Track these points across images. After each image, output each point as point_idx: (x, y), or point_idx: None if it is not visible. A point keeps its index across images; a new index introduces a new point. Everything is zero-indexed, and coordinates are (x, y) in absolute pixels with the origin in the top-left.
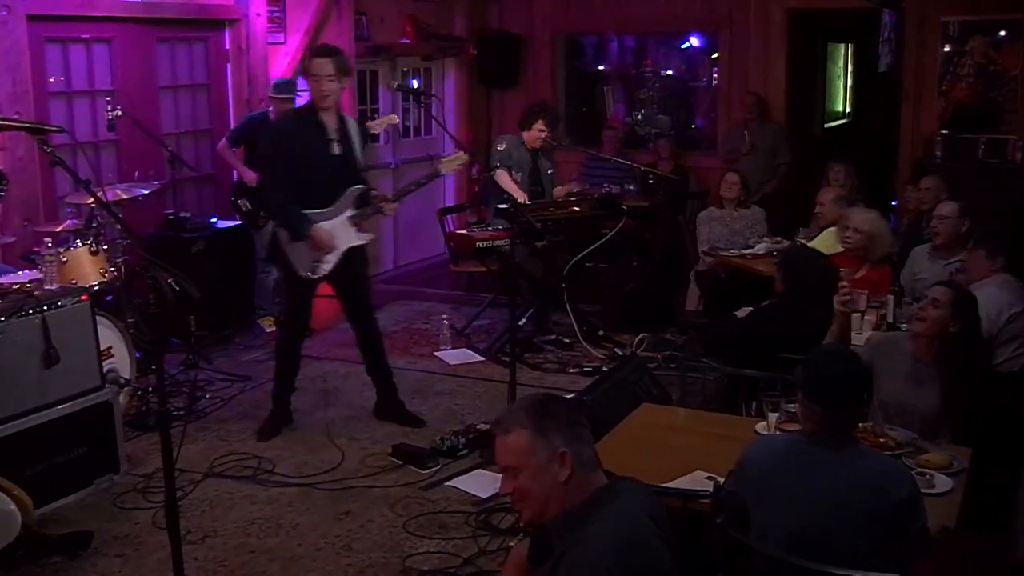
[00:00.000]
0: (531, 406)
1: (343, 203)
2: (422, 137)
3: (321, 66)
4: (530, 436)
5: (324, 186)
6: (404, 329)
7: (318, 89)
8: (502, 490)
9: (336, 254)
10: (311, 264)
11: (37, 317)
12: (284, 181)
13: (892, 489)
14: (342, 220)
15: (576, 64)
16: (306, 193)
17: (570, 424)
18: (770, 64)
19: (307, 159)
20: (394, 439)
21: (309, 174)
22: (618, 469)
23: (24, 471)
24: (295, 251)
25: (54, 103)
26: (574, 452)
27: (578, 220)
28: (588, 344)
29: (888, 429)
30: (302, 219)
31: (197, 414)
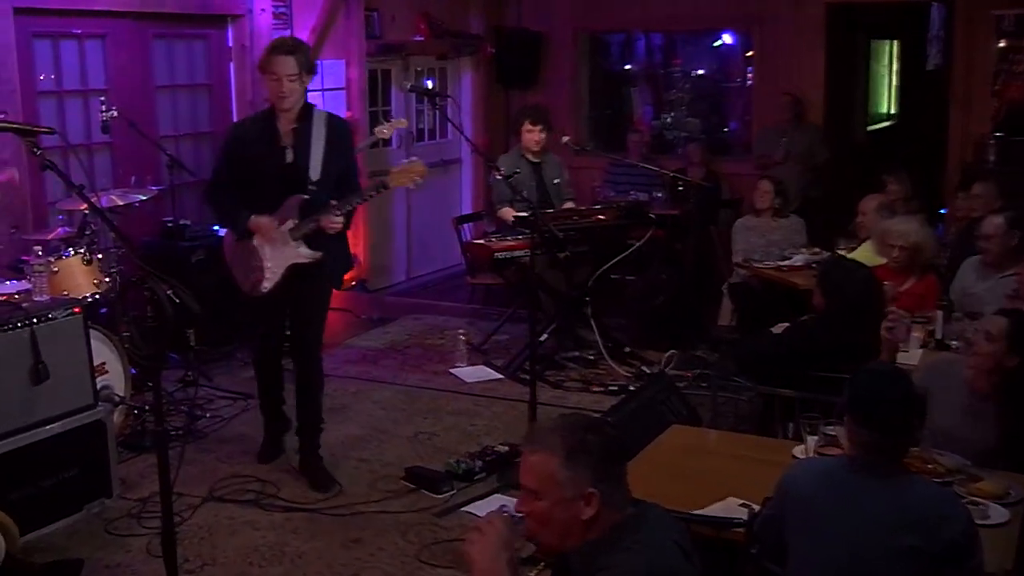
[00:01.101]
0: (568, 432)
1: (282, 212)
2: (437, 140)
3: (282, 64)
4: (558, 465)
5: (271, 196)
6: (417, 344)
7: (277, 90)
8: (518, 507)
9: (275, 269)
10: (251, 281)
11: (25, 331)
12: (229, 185)
13: (944, 523)
14: (282, 231)
15: (600, 64)
16: (251, 201)
17: (605, 461)
18: (808, 63)
19: (256, 165)
20: (406, 461)
21: (255, 183)
22: (645, 495)
23: (9, 495)
24: (235, 262)
25: (44, 103)
26: (603, 493)
27: (603, 229)
28: (613, 361)
29: (937, 454)
30: (241, 211)
31: (196, 434)
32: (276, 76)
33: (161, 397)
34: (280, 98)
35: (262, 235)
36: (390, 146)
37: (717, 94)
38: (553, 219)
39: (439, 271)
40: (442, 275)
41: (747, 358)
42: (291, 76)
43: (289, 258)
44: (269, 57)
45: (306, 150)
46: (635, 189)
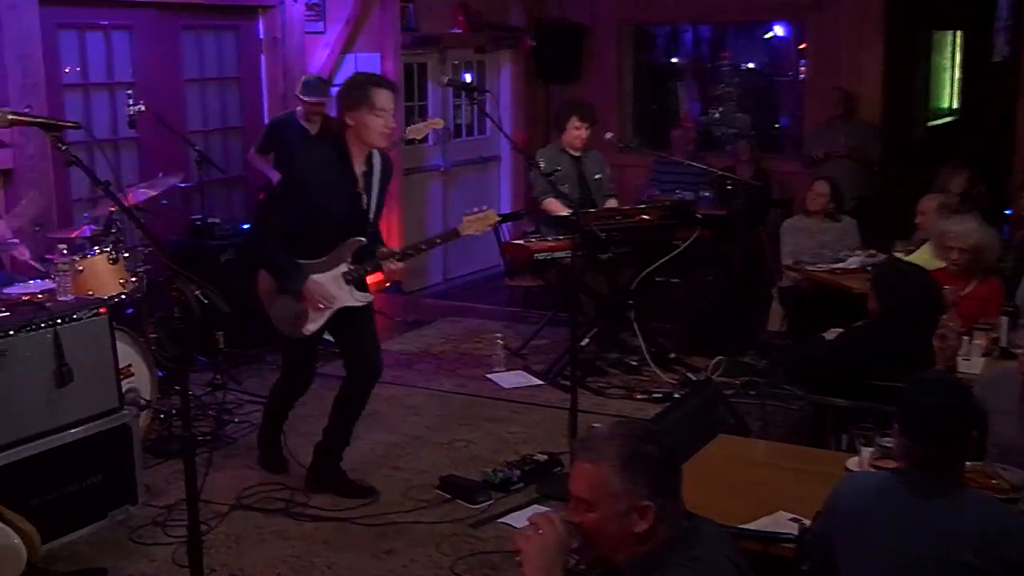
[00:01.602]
0: (624, 441)
1: (339, 254)
2: (474, 137)
3: (391, 99)
4: (615, 476)
5: (329, 237)
6: (453, 349)
7: (383, 127)
8: (567, 517)
9: (325, 313)
10: (291, 323)
11: (49, 331)
12: (287, 224)
13: (1006, 543)
14: (335, 275)
15: (645, 57)
16: (306, 241)
17: (663, 472)
18: (865, 55)
19: (326, 208)
20: (441, 469)
21: (321, 224)
22: (692, 508)
23: (31, 501)
24: (275, 304)
25: (69, 96)
26: (658, 507)
27: (647, 230)
28: (657, 367)
29: (1001, 469)
30: (296, 269)
31: (224, 440)
32: (385, 111)
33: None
34: (384, 136)
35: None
36: (426, 142)
37: (767, 89)
38: (595, 219)
39: (476, 272)
40: (480, 276)
41: (798, 365)
42: (393, 111)
43: (339, 302)
44: (376, 91)
45: (369, 191)
46: (681, 188)
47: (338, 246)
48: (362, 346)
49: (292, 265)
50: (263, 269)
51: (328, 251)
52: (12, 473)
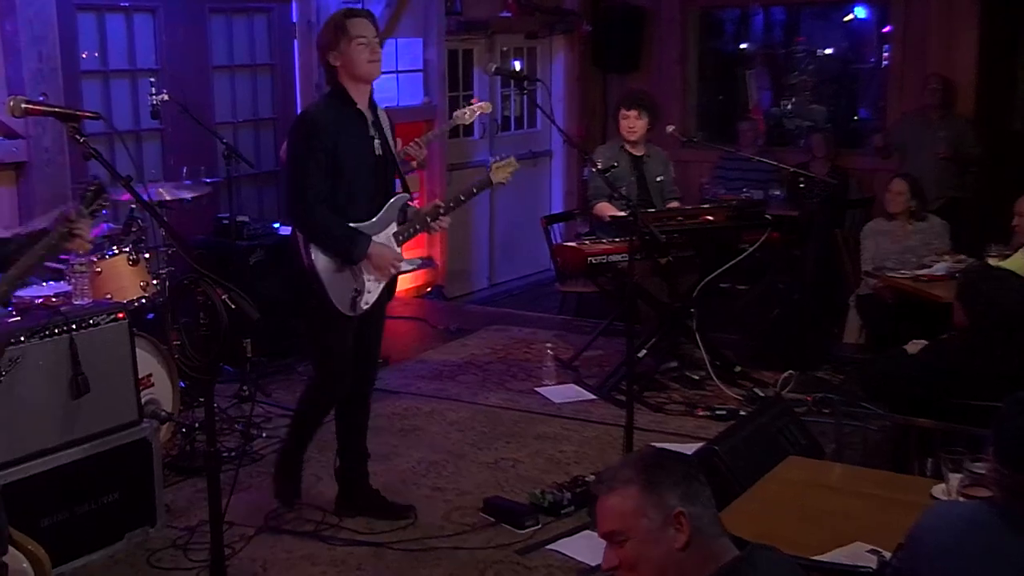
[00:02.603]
0: (640, 458)
1: (386, 215)
2: (525, 130)
3: (367, 26)
4: (639, 493)
5: (365, 197)
6: (500, 360)
7: (368, 56)
8: (606, 564)
9: (378, 282)
10: (350, 298)
11: (64, 338)
12: (324, 190)
13: None
14: (386, 237)
15: (712, 43)
16: (347, 206)
17: (686, 479)
18: (958, 40)
19: (350, 161)
20: (486, 490)
21: (351, 182)
22: (758, 536)
23: (42, 521)
24: (335, 282)
25: (87, 84)
26: (691, 513)
27: (711, 232)
28: (721, 382)
29: None
30: (356, 235)
31: (251, 456)
32: (365, 40)
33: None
34: (372, 64)
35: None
36: (472, 136)
37: (846, 77)
38: (655, 219)
39: (525, 277)
40: (528, 282)
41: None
42: (376, 40)
43: (394, 267)
44: (349, 21)
45: (386, 139)
46: (749, 186)
47: (384, 204)
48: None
49: (351, 231)
50: (314, 243)
51: (367, 210)
52: (22, 490)
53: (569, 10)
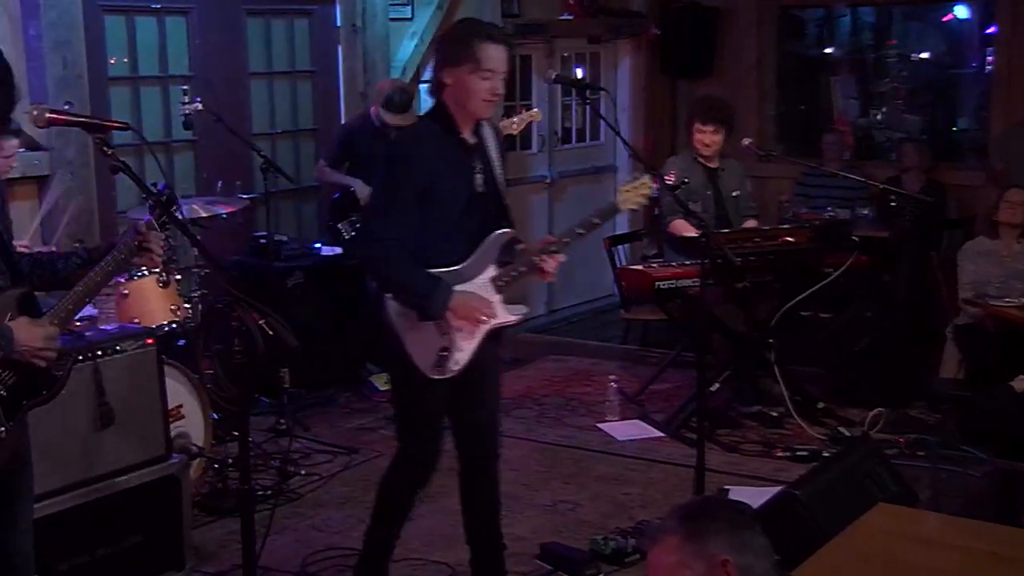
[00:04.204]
0: (684, 507)
1: (482, 257)
2: (587, 143)
3: (499, 59)
4: (680, 543)
5: (459, 236)
6: (558, 393)
7: (491, 90)
8: None
9: (471, 339)
10: (436, 356)
11: (88, 365)
12: (406, 231)
13: None
14: (482, 283)
15: (793, 47)
16: (436, 247)
17: (735, 527)
18: None
19: (443, 197)
20: (542, 536)
21: (442, 220)
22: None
23: (60, 565)
24: (414, 337)
25: (116, 92)
26: (740, 564)
27: (791, 255)
28: (803, 420)
29: None
30: (435, 284)
31: (288, 495)
32: (491, 74)
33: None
34: (487, 105)
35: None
36: (529, 148)
37: (944, 84)
38: (729, 241)
39: (586, 303)
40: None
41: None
42: (505, 74)
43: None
44: (483, 45)
45: (491, 170)
46: (833, 204)
47: (475, 249)
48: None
49: (430, 281)
50: (389, 293)
51: (461, 252)
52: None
53: (636, 12)
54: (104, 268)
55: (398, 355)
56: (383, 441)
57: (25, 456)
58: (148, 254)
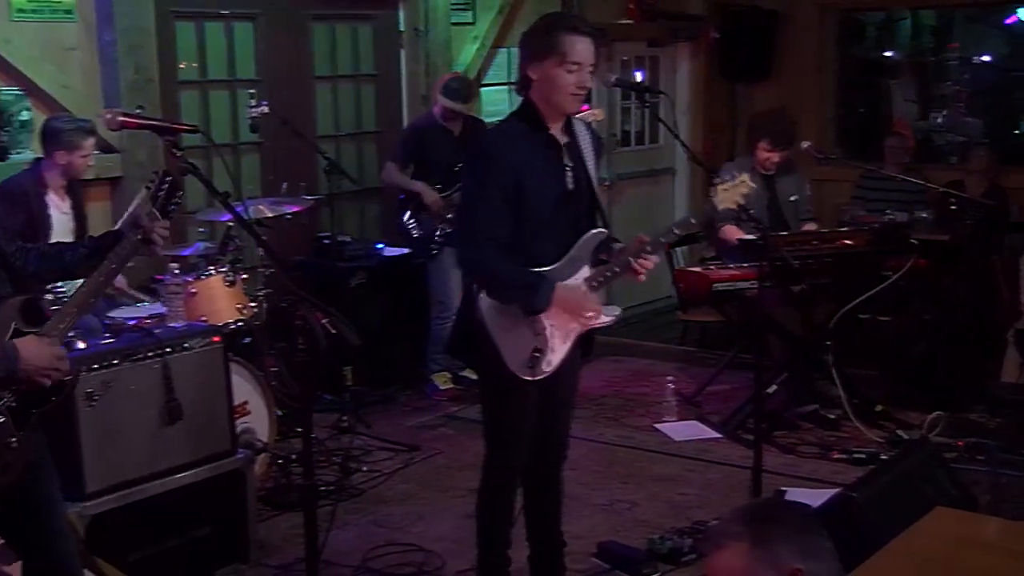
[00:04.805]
0: (749, 510)
1: (576, 257)
2: (645, 146)
3: (586, 51)
4: (749, 549)
5: (552, 236)
6: (616, 393)
7: (577, 83)
8: None
9: (563, 339)
10: (529, 356)
11: (157, 362)
12: (500, 230)
13: None
14: (577, 283)
15: (853, 50)
16: (531, 248)
17: (802, 533)
18: None
19: (534, 197)
20: (599, 535)
21: (535, 220)
22: None
23: (129, 555)
24: (508, 338)
25: (185, 95)
26: (810, 571)
27: (850, 258)
28: (860, 422)
29: None
30: (537, 280)
31: (350, 491)
32: (578, 66)
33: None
34: (575, 98)
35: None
36: None
37: (1006, 86)
38: (787, 243)
39: (644, 304)
40: (647, 309)
41: None
42: (592, 67)
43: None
44: (569, 38)
45: (583, 167)
46: (892, 207)
47: (568, 249)
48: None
49: (531, 277)
50: (491, 292)
51: (555, 252)
52: (111, 521)
53: (695, 15)
54: (106, 267)
55: (489, 355)
56: (443, 439)
57: (43, 463)
58: (151, 246)
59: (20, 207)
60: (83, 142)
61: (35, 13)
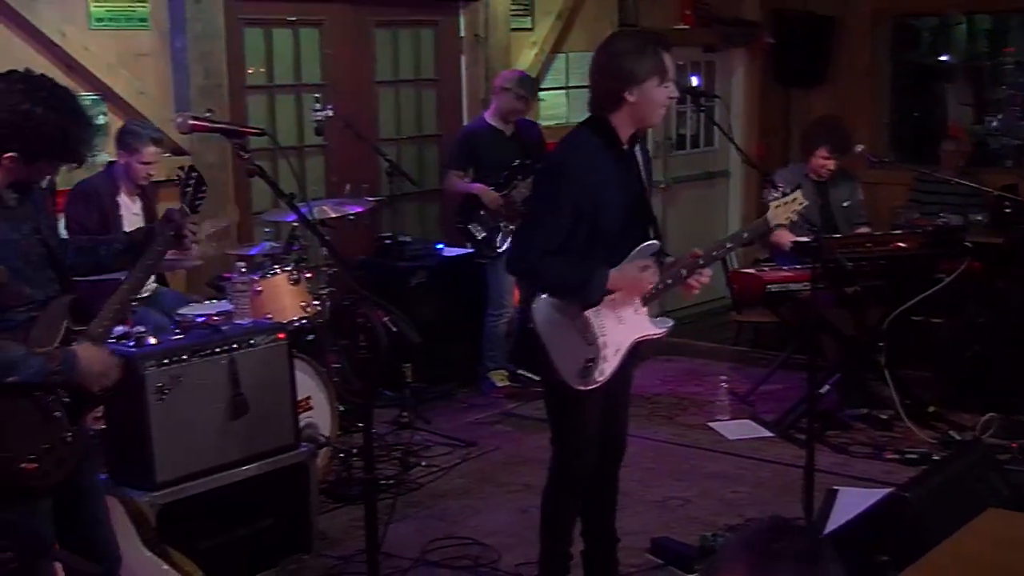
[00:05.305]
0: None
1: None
2: (700, 150)
3: (673, 65)
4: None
5: (613, 248)
6: (671, 392)
7: (667, 97)
8: None
9: (617, 348)
10: (583, 365)
11: (224, 357)
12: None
13: None
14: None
15: (907, 55)
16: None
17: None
18: None
19: (607, 212)
20: (653, 531)
21: (603, 233)
22: None
23: (199, 543)
24: (559, 343)
25: (252, 99)
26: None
27: (903, 260)
28: (913, 423)
29: None
30: (592, 270)
31: (409, 485)
32: (671, 80)
33: (371, 440)
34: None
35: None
36: None
37: None
38: (841, 246)
39: (697, 304)
40: (701, 310)
41: None
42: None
43: (636, 330)
44: (665, 55)
45: (640, 179)
46: (947, 210)
47: (628, 256)
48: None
49: (586, 269)
50: (546, 291)
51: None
52: (180, 511)
53: (750, 21)
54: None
55: (545, 365)
56: (500, 435)
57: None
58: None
59: (93, 206)
60: (144, 148)
61: (112, 22)
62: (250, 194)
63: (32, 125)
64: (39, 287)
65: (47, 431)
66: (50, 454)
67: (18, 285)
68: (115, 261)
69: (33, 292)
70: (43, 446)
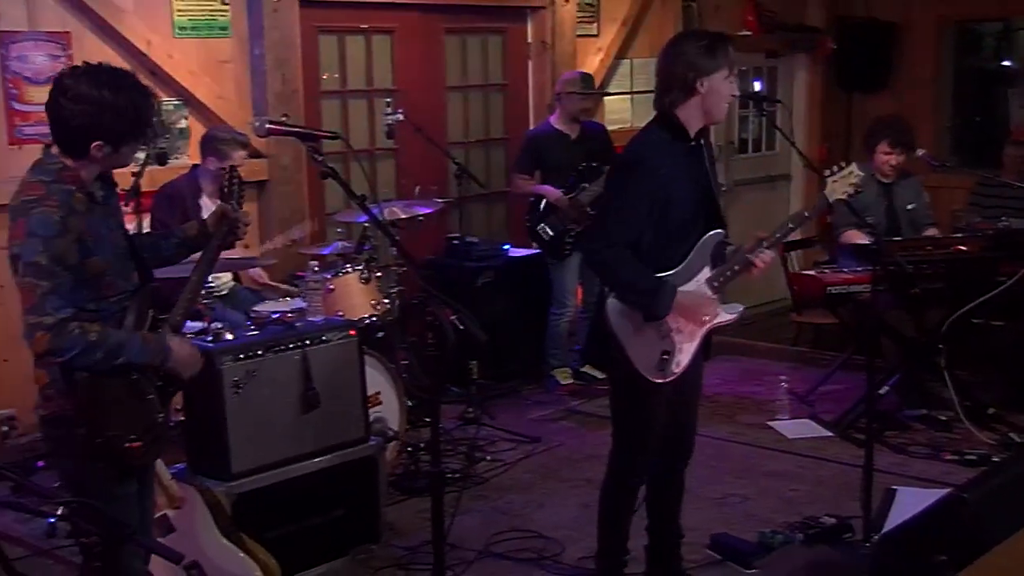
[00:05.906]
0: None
1: (697, 258)
2: (762, 153)
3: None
4: None
5: (682, 239)
6: (731, 391)
7: (728, 92)
8: None
9: (690, 340)
10: (659, 359)
11: (297, 353)
12: (636, 237)
13: None
14: (697, 284)
15: (969, 60)
16: (662, 252)
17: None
18: None
19: (678, 205)
20: (713, 527)
21: (672, 226)
22: None
23: (271, 532)
24: (635, 341)
25: (326, 104)
26: None
27: (964, 263)
28: (972, 424)
29: None
30: (660, 286)
31: (475, 479)
32: (732, 78)
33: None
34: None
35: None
36: None
37: None
38: (901, 248)
39: (759, 305)
40: (762, 310)
41: None
42: None
43: (707, 320)
44: (729, 48)
45: (708, 172)
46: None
47: (691, 250)
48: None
49: (655, 282)
50: (616, 294)
51: (681, 254)
52: (254, 501)
53: (813, 27)
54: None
55: (620, 360)
56: (564, 432)
57: None
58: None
59: (176, 208)
60: (233, 153)
61: (195, 30)
62: (322, 195)
63: (108, 109)
64: (126, 278)
65: (145, 412)
66: (148, 433)
67: (113, 276)
68: (175, 254)
69: (124, 283)
70: (143, 426)
